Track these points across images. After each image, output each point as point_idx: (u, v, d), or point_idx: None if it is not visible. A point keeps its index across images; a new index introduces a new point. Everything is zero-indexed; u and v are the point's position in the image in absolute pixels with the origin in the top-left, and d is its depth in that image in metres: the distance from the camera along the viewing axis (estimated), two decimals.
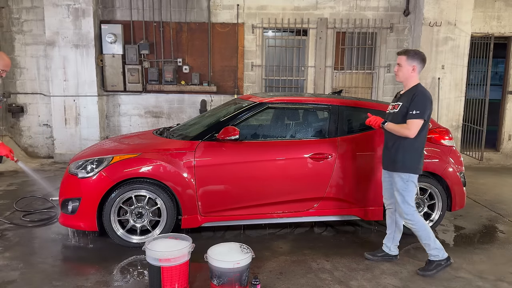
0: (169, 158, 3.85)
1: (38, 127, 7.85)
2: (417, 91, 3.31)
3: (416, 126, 3.24)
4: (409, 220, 3.43)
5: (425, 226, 3.44)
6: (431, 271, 3.44)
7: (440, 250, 3.46)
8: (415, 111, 3.23)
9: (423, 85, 3.49)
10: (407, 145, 3.32)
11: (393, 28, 7.66)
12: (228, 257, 2.93)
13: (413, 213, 3.41)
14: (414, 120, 3.24)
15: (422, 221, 3.45)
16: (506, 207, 5.38)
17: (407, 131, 3.26)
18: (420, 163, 3.39)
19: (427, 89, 3.52)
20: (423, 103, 3.25)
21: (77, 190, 3.81)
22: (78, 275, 3.34)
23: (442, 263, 3.46)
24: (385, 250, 3.72)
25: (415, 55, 3.37)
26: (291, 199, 4.09)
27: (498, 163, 8.07)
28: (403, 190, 3.39)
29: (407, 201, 3.40)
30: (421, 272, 3.45)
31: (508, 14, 7.69)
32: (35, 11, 7.47)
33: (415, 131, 3.25)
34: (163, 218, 3.88)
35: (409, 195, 3.39)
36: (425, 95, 3.29)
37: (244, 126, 4.20)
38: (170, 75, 7.54)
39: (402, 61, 3.39)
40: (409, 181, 3.37)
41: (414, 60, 3.36)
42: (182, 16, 7.57)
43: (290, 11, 7.60)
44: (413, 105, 3.25)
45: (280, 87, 7.90)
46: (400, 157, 3.36)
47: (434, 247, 3.45)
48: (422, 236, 3.45)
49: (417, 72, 3.38)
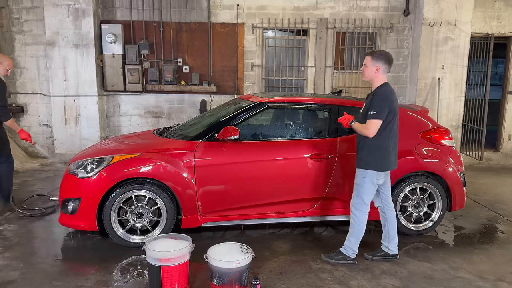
0: (169, 158, 3.85)
1: (38, 127, 7.85)
2: (377, 92, 3.40)
3: (374, 126, 3.33)
4: (355, 215, 3.54)
5: (361, 229, 3.56)
6: (334, 260, 3.59)
7: (354, 252, 3.60)
8: (373, 111, 3.33)
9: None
10: (369, 143, 3.43)
11: (393, 28, 7.66)
12: (228, 257, 2.93)
13: (362, 210, 3.51)
14: (372, 120, 3.33)
15: (363, 224, 3.56)
16: (506, 207, 5.38)
17: (365, 130, 3.37)
18: (380, 161, 3.45)
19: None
20: (380, 103, 3.33)
21: (77, 190, 3.82)
22: (78, 275, 3.35)
23: (347, 259, 3.60)
24: (384, 250, 3.73)
25: (380, 56, 3.44)
26: (291, 199, 4.09)
27: (498, 163, 8.07)
28: (359, 185, 3.50)
29: (361, 195, 3.50)
30: (325, 258, 3.64)
31: (508, 14, 7.69)
32: (35, 11, 7.47)
33: (373, 130, 3.34)
34: (163, 218, 3.89)
35: (364, 191, 3.48)
36: (384, 95, 3.36)
37: (244, 126, 4.21)
38: (170, 75, 7.54)
39: (367, 62, 3.48)
40: (366, 177, 3.46)
41: (379, 60, 3.42)
42: (182, 16, 7.57)
43: (290, 11, 7.60)
44: (372, 105, 3.35)
45: (280, 87, 7.90)
46: (362, 154, 3.50)
47: (351, 247, 3.58)
48: (353, 233, 3.58)
49: (382, 72, 3.44)
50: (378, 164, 3.44)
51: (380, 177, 3.50)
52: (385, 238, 3.73)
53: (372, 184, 3.49)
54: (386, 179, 3.61)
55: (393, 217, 3.68)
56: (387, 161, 3.48)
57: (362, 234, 3.58)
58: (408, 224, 4.28)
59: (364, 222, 3.55)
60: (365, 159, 3.47)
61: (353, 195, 3.58)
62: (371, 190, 3.51)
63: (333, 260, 3.60)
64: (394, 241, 3.71)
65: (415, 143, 4.24)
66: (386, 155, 3.46)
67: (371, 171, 3.44)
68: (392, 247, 3.71)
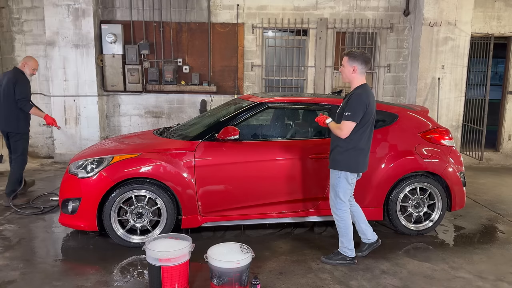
0: (169, 158, 3.85)
1: (38, 127, 7.84)
2: (354, 93, 3.38)
3: (347, 127, 3.32)
4: (337, 214, 3.55)
5: (348, 227, 3.56)
6: (334, 261, 3.58)
7: (351, 251, 3.58)
8: (347, 113, 3.32)
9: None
10: (341, 144, 3.43)
11: (393, 28, 7.66)
12: (228, 257, 2.93)
13: (342, 208, 3.51)
14: (345, 122, 3.33)
15: (348, 221, 3.55)
16: (506, 207, 5.38)
17: (339, 131, 3.36)
18: (354, 162, 3.43)
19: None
20: (355, 106, 3.31)
21: (77, 190, 3.82)
22: (78, 275, 3.35)
23: (347, 259, 3.59)
24: (366, 242, 3.77)
25: (356, 56, 3.40)
26: (291, 199, 4.09)
27: (498, 163, 8.07)
28: (334, 186, 3.51)
29: (339, 195, 3.50)
30: (325, 259, 3.62)
31: (508, 14, 7.69)
32: (35, 11, 7.47)
33: (346, 132, 3.33)
34: (163, 218, 3.89)
35: (341, 190, 3.49)
36: (359, 98, 3.33)
37: (244, 126, 4.21)
38: (170, 75, 7.54)
39: (344, 62, 3.46)
40: (341, 177, 3.47)
41: (355, 61, 3.39)
42: (182, 16, 7.57)
43: (290, 11, 7.60)
44: (347, 107, 3.34)
45: (280, 87, 7.90)
46: (334, 154, 3.50)
47: (346, 246, 3.58)
48: (341, 233, 3.58)
49: (359, 72, 3.41)
50: (348, 165, 3.44)
51: (353, 177, 3.52)
52: (360, 232, 3.77)
53: (348, 183, 3.50)
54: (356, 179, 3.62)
55: (358, 210, 3.73)
56: (357, 163, 3.46)
57: (351, 231, 3.58)
58: (408, 224, 4.28)
59: (348, 219, 3.56)
60: (336, 160, 3.46)
61: (331, 196, 3.59)
62: (348, 189, 3.53)
63: (333, 260, 3.60)
64: (369, 230, 3.75)
65: (415, 143, 4.24)
66: (357, 157, 3.44)
67: (344, 172, 3.45)
68: (370, 235, 3.75)
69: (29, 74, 5.07)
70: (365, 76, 3.47)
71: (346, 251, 3.59)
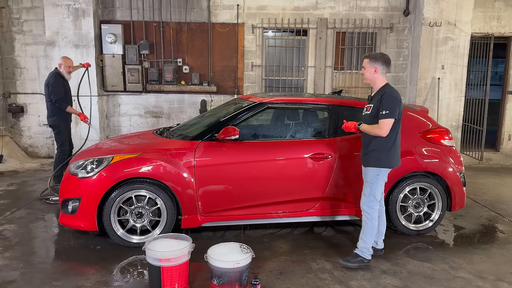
0: (169, 158, 3.85)
1: (38, 127, 7.85)
2: (384, 92, 3.46)
3: (387, 125, 3.39)
4: (368, 213, 3.54)
5: (374, 227, 3.56)
6: (353, 264, 3.55)
7: (369, 252, 3.58)
8: (385, 111, 3.38)
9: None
10: (381, 142, 3.47)
11: (393, 28, 7.66)
12: (228, 257, 2.93)
13: (373, 207, 3.53)
14: (384, 120, 3.39)
15: (376, 222, 3.56)
16: (506, 207, 5.38)
17: (379, 130, 3.41)
18: (391, 158, 3.51)
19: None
20: (391, 102, 3.40)
21: (77, 190, 3.82)
22: (78, 275, 3.35)
23: (364, 261, 3.57)
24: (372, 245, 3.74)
25: (377, 57, 3.52)
26: (291, 199, 4.09)
27: (498, 163, 8.07)
28: (372, 183, 3.52)
29: (373, 193, 3.52)
30: (343, 262, 3.58)
31: (508, 14, 7.69)
32: (35, 11, 7.47)
33: (386, 129, 3.40)
34: (163, 218, 3.89)
35: (377, 188, 3.52)
36: (392, 95, 3.44)
37: (244, 126, 4.21)
38: (170, 75, 7.54)
39: (365, 64, 3.55)
40: (379, 175, 3.50)
41: (376, 62, 3.50)
42: (182, 16, 7.57)
43: (290, 11, 7.60)
44: (382, 105, 3.41)
45: (280, 87, 7.90)
46: (374, 153, 3.51)
47: (367, 247, 3.56)
48: (366, 232, 3.57)
49: (380, 73, 3.51)
50: (390, 162, 3.50)
51: (387, 173, 3.57)
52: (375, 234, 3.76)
53: (383, 181, 3.55)
54: None
55: (384, 213, 3.76)
56: (397, 158, 3.57)
57: (375, 232, 3.59)
58: (408, 224, 4.28)
59: (376, 218, 3.57)
60: (378, 158, 3.49)
61: (364, 194, 3.58)
62: (382, 187, 3.57)
63: (351, 263, 3.55)
64: (382, 236, 3.78)
65: (415, 143, 4.24)
66: (396, 152, 3.54)
67: (384, 169, 3.50)
68: (380, 242, 3.78)
69: (65, 72, 5.67)
70: (385, 76, 3.56)
71: (366, 253, 3.56)
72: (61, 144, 5.74)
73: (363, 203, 3.58)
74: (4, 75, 7.66)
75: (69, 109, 5.59)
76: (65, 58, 5.73)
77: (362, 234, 3.59)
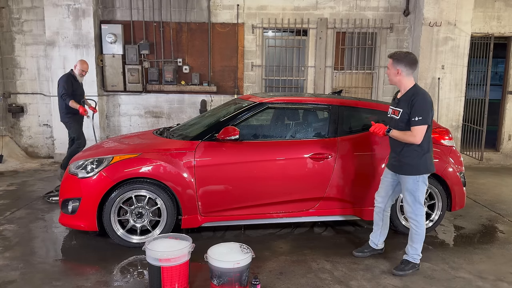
0: (169, 158, 3.85)
1: (38, 127, 7.85)
2: (415, 95, 3.26)
3: (421, 132, 3.24)
4: (416, 221, 3.44)
5: (423, 233, 3.49)
6: (408, 271, 3.47)
7: (419, 256, 3.53)
8: (418, 117, 3.21)
9: (422, 85, 3.47)
10: (415, 148, 3.33)
11: (393, 28, 7.65)
12: (228, 257, 2.93)
13: (421, 214, 3.44)
14: (417, 127, 3.23)
15: (424, 227, 3.49)
16: (506, 207, 5.38)
17: (412, 138, 3.26)
18: (428, 163, 3.39)
19: (426, 89, 3.51)
20: (423, 107, 3.23)
21: (77, 190, 3.82)
22: (78, 275, 3.35)
23: (416, 266, 3.51)
24: (372, 246, 3.78)
25: (400, 58, 3.32)
26: (291, 199, 4.09)
27: (498, 163, 8.07)
28: (414, 191, 3.39)
29: (418, 201, 3.40)
30: (398, 272, 3.46)
31: (508, 14, 7.69)
32: (35, 11, 7.47)
33: (420, 137, 3.24)
34: (163, 218, 3.88)
35: (420, 195, 3.40)
36: (424, 98, 3.26)
37: (244, 126, 4.21)
38: (170, 75, 7.54)
39: (389, 64, 3.42)
40: (419, 182, 3.38)
41: (399, 63, 3.32)
42: (182, 16, 7.57)
43: (290, 11, 7.60)
44: (414, 111, 3.23)
45: (280, 87, 7.90)
46: (409, 160, 3.36)
47: (417, 253, 3.50)
48: (416, 240, 3.47)
49: (404, 75, 3.33)
50: (427, 167, 3.37)
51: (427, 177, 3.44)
52: (375, 236, 3.77)
53: (425, 185, 3.42)
54: None
55: (388, 219, 3.76)
56: (431, 162, 3.43)
57: (423, 238, 3.49)
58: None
59: (424, 225, 3.48)
60: (414, 165, 3.34)
61: (409, 203, 3.43)
62: (425, 191, 3.45)
63: (405, 271, 3.45)
64: (383, 238, 3.78)
65: None
66: (431, 156, 3.41)
67: (424, 175, 3.38)
68: (380, 243, 3.79)
69: (78, 74, 5.90)
70: (412, 77, 3.38)
71: (416, 258, 3.50)
72: (77, 137, 5.94)
73: (410, 213, 3.44)
74: (4, 75, 7.66)
75: (71, 103, 5.73)
76: (82, 62, 5.93)
77: (412, 242, 3.48)
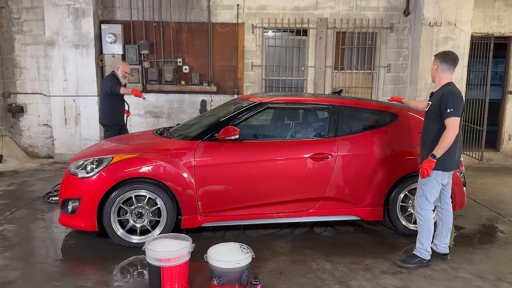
0: (169, 158, 3.85)
1: (38, 127, 7.85)
2: (445, 90, 3.42)
3: (455, 123, 3.33)
4: (421, 214, 3.53)
5: (431, 227, 3.53)
6: (412, 265, 3.53)
7: (428, 252, 3.56)
8: (450, 109, 3.33)
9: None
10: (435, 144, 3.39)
11: (393, 28, 7.65)
12: (228, 257, 2.93)
13: (426, 208, 3.51)
14: (450, 119, 3.32)
15: (431, 222, 3.53)
16: (506, 207, 5.37)
17: (448, 133, 3.31)
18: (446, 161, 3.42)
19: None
20: (454, 100, 3.35)
21: (77, 190, 3.82)
22: (78, 275, 3.35)
23: (423, 262, 3.56)
24: (432, 248, 3.70)
25: (438, 55, 3.57)
26: (291, 199, 4.09)
27: (498, 163, 8.06)
28: (423, 184, 3.50)
29: (425, 195, 3.50)
30: (401, 263, 3.56)
31: (508, 14, 7.69)
32: (35, 11, 7.47)
33: (454, 128, 3.32)
34: (163, 218, 3.88)
35: (429, 190, 3.49)
36: (454, 92, 3.40)
37: (244, 126, 4.20)
38: (170, 75, 7.54)
39: (432, 61, 3.62)
40: (431, 176, 3.44)
41: (436, 59, 3.56)
42: (182, 16, 7.57)
43: (290, 11, 7.60)
44: (446, 104, 3.34)
45: (280, 87, 7.90)
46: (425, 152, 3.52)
47: (425, 248, 3.55)
48: (423, 233, 3.55)
49: (440, 70, 3.51)
50: (443, 164, 3.42)
51: (444, 176, 3.50)
52: (436, 237, 3.75)
53: (437, 183, 3.48)
54: (449, 179, 3.60)
55: (449, 218, 3.70)
56: (452, 161, 3.47)
57: (432, 232, 3.56)
58: (408, 224, 4.28)
59: (432, 219, 3.54)
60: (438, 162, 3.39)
61: (417, 195, 3.56)
62: (436, 189, 3.51)
63: (410, 264, 3.53)
64: (445, 240, 3.73)
65: (415, 143, 4.23)
66: (451, 155, 3.44)
67: (436, 171, 3.43)
68: (442, 246, 3.73)
69: (121, 76, 6.00)
70: (451, 75, 3.52)
71: (424, 254, 3.55)
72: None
73: (416, 205, 3.59)
74: (4, 75, 7.66)
75: (122, 90, 5.82)
76: (124, 64, 6.06)
77: (419, 235, 3.57)
